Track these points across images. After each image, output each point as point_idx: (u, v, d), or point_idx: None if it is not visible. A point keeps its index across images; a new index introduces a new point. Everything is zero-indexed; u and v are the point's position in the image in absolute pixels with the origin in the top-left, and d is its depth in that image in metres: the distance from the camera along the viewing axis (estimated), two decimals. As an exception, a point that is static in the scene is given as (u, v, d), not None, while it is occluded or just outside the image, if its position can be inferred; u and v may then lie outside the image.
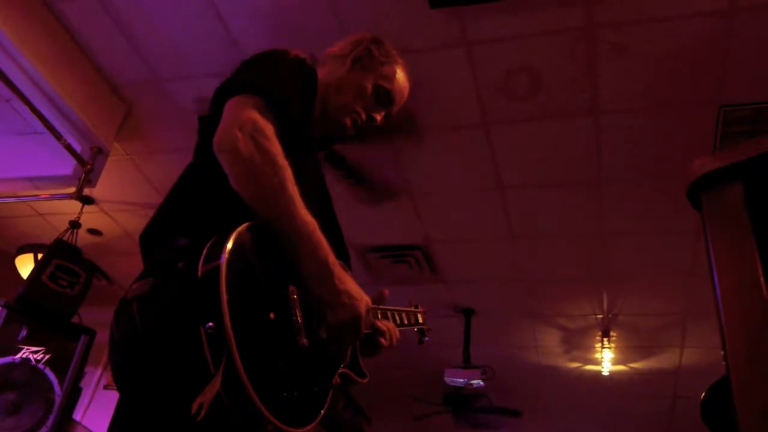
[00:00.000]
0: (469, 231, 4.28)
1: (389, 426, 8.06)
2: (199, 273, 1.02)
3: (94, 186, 3.66)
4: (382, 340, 1.45)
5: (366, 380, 1.36)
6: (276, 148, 1.18)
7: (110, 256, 5.05)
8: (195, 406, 0.94)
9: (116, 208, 4.52)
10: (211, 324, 0.97)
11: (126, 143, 3.85)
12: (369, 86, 1.58)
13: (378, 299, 1.50)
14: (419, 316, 1.64)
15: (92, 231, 4.76)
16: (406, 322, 1.64)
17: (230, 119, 1.21)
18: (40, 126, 3.43)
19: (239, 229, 1.07)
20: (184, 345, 1.01)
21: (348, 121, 1.57)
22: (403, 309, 1.55)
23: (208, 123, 1.34)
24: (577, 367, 5.95)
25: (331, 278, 1.17)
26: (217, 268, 1.00)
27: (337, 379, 1.27)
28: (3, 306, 3.24)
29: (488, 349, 5.61)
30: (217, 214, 1.18)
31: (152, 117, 3.66)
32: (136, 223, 4.66)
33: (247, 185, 1.16)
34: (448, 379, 5.19)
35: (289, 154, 1.20)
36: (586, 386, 6.28)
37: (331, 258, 1.19)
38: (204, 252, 1.04)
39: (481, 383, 5.09)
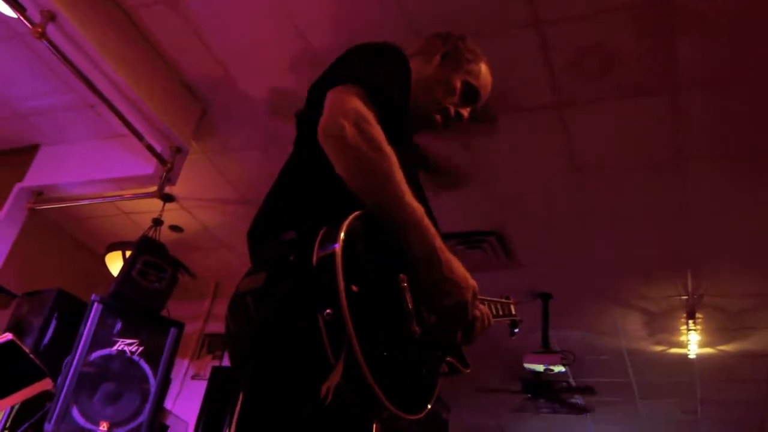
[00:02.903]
0: (545, 215, 4.20)
1: (468, 413, 8.05)
2: (314, 261, 1.04)
3: (174, 184, 3.79)
4: (478, 325, 1.45)
5: (468, 370, 1.36)
6: (381, 135, 1.18)
7: (191, 252, 5.23)
8: (324, 390, 0.96)
9: (195, 205, 4.67)
10: (329, 311, 0.98)
11: (202, 141, 3.96)
12: (457, 83, 1.59)
13: None
14: (511, 307, 1.62)
15: (174, 228, 4.93)
16: (499, 313, 1.63)
17: (334, 108, 1.21)
18: (122, 128, 3.58)
19: (350, 217, 1.08)
20: (302, 334, 1.03)
21: (438, 118, 1.57)
22: (496, 300, 1.54)
23: (306, 116, 1.35)
24: (662, 351, 5.76)
25: (440, 264, 1.17)
26: (333, 254, 1.01)
27: (444, 368, 1.27)
28: (99, 302, 3.40)
29: (567, 333, 5.50)
30: (323, 206, 1.20)
31: (226, 115, 3.76)
32: (215, 219, 4.80)
33: (354, 173, 1.17)
34: (526, 365, 5.12)
35: (390, 142, 1.20)
36: (672, 370, 6.07)
37: (439, 243, 1.19)
38: (317, 240, 1.05)
39: (563, 369, 5.00)
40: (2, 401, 2.88)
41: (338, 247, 1.02)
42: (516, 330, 1.63)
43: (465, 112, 1.62)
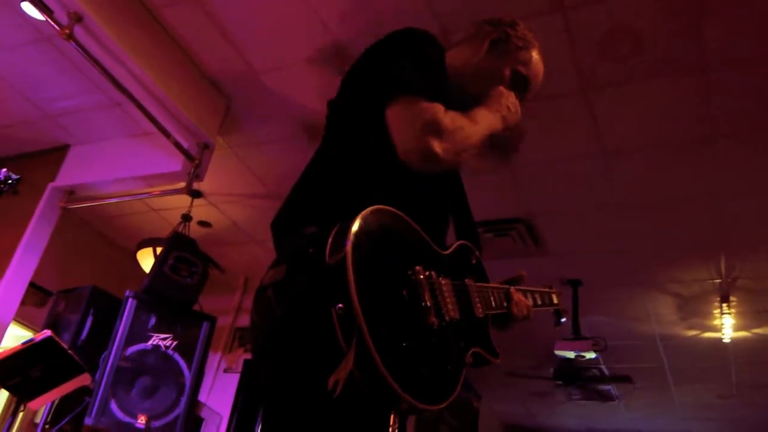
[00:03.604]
0: (573, 201, 4.16)
1: (499, 401, 8.04)
2: (328, 258, 1.05)
3: (202, 180, 3.83)
4: (515, 310, 1.45)
5: (498, 360, 1.35)
6: (457, 125, 1.25)
7: (220, 247, 5.28)
8: (331, 382, 0.97)
9: (223, 200, 4.72)
10: (341, 305, 0.99)
11: (228, 137, 3.99)
12: (507, 72, 1.54)
13: (515, 280, 1.49)
14: (554, 296, 1.60)
15: (202, 223, 4.98)
16: (540, 302, 1.62)
17: (411, 126, 1.22)
18: (150, 126, 3.62)
19: (363, 213, 1.09)
20: (317, 327, 1.04)
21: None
22: (538, 289, 1.53)
23: (339, 105, 1.35)
24: (696, 335, 5.68)
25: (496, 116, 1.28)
26: (344, 252, 1.02)
27: (470, 359, 1.27)
28: (133, 297, 3.46)
29: (598, 320, 5.46)
30: (344, 200, 1.20)
31: (252, 109, 3.78)
32: (243, 213, 4.84)
33: (464, 163, 1.28)
34: (558, 352, 5.09)
35: None
36: (706, 354, 5.99)
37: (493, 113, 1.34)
38: (330, 238, 1.07)
39: (594, 355, 4.96)
40: (43, 396, 2.97)
41: (349, 244, 1.03)
42: (562, 320, 1.62)
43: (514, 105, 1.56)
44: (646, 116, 3.39)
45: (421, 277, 1.14)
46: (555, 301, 1.61)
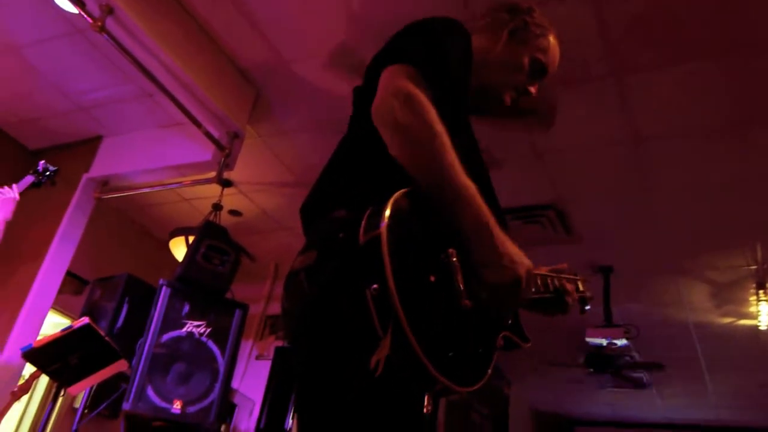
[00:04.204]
0: (604, 187, 4.11)
1: (529, 387, 8.02)
2: (361, 240, 1.05)
3: (232, 169, 3.87)
4: (568, 299, 1.46)
5: (529, 345, 1.35)
6: (432, 114, 1.18)
7: (250, 235, 5.33)
8: (373, 362, 0.98)
9: (253, 189, 4.76)
10: (375, 286, 1.00)
11: (258, 125, 4.02)
12: (526, 60, 1.55)
13: (556, 270, 1.50)
14: (579, 283, 1.59)
15: (233, 212, 5.04)
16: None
17: (386, 88, 1.22)
18: (180, 116, 3.66)
19: (396, 195, 1.09)
20: (351, 308, 1.05)
21: (508, 98, 1.55)
22: (564, 276, 1.52)
23: (363, 93, 1.36)
24: (731, 323, 5.58)
25: (492, 241, 1.16)
26: (378, 234, 1.03)
27: (500, 342, 1.27)
28: (167, 285, 3.51)
29: (630, 307, 5.40)
30: (373, 184, 1.21)
31: (280, 98, 3.79)
32: (273, 202, 4.88)
33: (406, 152, 1.17)
34: (589, 340, 5.05)
35: (444, 121, 1.19)
36: (741, 342, 5.88)
37: (492, 221, 1.18)
38: (364, 220, 1.07)
39: (626, 342, 4.91)
40: (82, 382, 3.04)
41: (384, 225, 1.03)
42: (587, 307, 1.61)
43: (533, 89, 1.58)
44: (680, 100, 3.32)
45: (454, 259, 1.14)
46: (581, 288, 1.60)
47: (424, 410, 1.13)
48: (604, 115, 3.49)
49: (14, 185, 3.04)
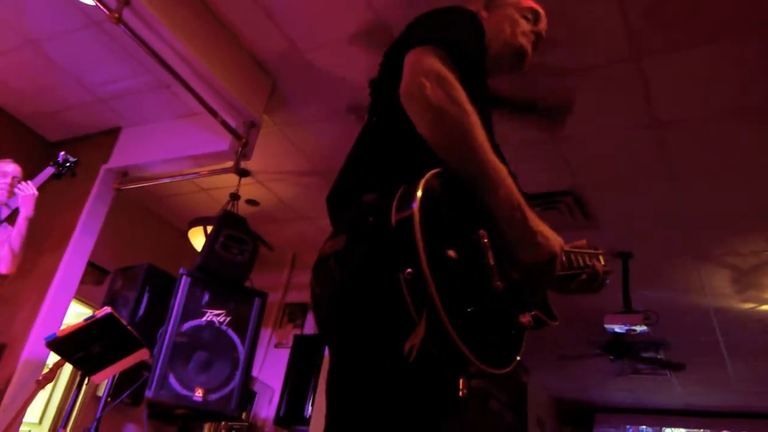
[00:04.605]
0: (623, 172, 4.07)
1: (547, 374, 8.01)
2: (393, 222, 1.05)
3: (249, 159, 3.87)
4: (595, 274, 1.46)
5: (556, 322, 1.35)
6: (462, 93, 1.17)
7: (267, 224, 5.36)
8: (407, 347, 0.98)
9: (270, 178, 4.77)
10: (409, 270, 1.00)
11: (274, 114, 4.02)
12: (516, 15, 1.59)
13: (576, 246, 1.49)
14: (600, 258, 1.58)
15: (250, 201, 5.06)
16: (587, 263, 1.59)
17: (414, 69, 1.21)
18: (197, 107, 3.68)
19: (427, 176, 1.09)
20: (384, 293, 1.05)
21: (528, 46, 1.57)
22: (586, 251, 1.51)
23: (383, 82, 1.36)
24: (752, 308, 5.52)
25: (525, 220, 1.17)
26: (411, 215, 1.02)
27: (530, 321, 1.27)
28: (187, 275, 3.54)
29: (649, 293, 5.36)
30: (401, 167, 1.20)
31: (296, 87, 3.79)
32: (289, 191, 4.89)
33: (437, 131, 1.16)
34: (607, 326, 5.02)
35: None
36: (763, 327, 5.82)
37: (523, 200, 1.18)
38: (395, 202, 1.07)
39: (645, 329, 4.87)
40: (105, 371, 3.08)
41: (416, 206, 1.03)
42: (607, 281, 1.59)
43: (539, 30, 1.62)
44: (701, 82, 3.27)
45: (485, 240, 1.13)
46: (602, 261, 1.59)
47: (459, 393, 1.13)
48: (623, 98, 3.45)
49: (30, 181, 3.07)
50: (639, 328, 4.90)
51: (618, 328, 5.06)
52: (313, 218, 5.19)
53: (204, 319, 3.50)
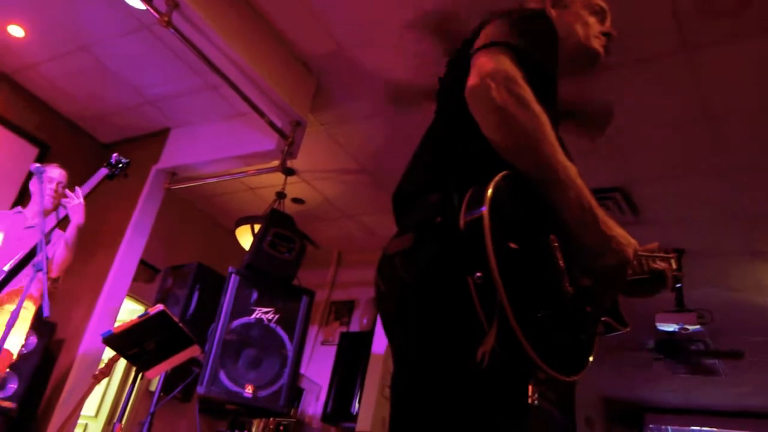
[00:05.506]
0: (674, 167, 3.96)
1: (598, 374, 7.86)
2: (462, 224, 1.03)
3: (295, 157, 3.91)
4: (665, 279, 1.41)
5: (627, 329, 1.31)
6: (530, 94, 1.14)
7: (313, 223, 5.40)
8: (479, 355, 0.97)
9: (315, 177, 4.81)
10: (479, 274, 0.98)
11: (319, 114, 4.05)
12: (586, 16, 1.55)
13: (648, 250, 1.46)
14: (672, 261, 1.54)
15: (296, 200, 5.11)
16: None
17: (480, 70, 1.19)
18: (244, 107, 3.73)
19: (496, 178, 1.06)
20: (453, 296, 1.03)
21: (599, 47, 1.55)
22: (658, 255, 1.47)
23: (448, 81, 1.35)
24: (811, 307, 5.32)
25: (598, 224, 1.12)
26: (480, 217, 1.00)
27: (600, 327, 1.23)
28: (236, 273, 3.60)
29: (703, 291, 5.20)
30: (468, 168, 1.18)
31: (341, 86, 3.81)
32: (335, 189, 4.92)
33: (504, 133, 1.14)
34: (659, 325, 4.90)
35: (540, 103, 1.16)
36: (824, 327, 5.61)
37: (595, 202, 1.14)
38: (464, 203, 1.05)
39: (699, 328, 4.74)
40: (158, 366, 3.15)
41: (486, 209, 1.00)
42: (678, 285, 1.55)
43: (607, 29, 1.60)
44: (753, 76, 3.16)
45: (556, 244, 1.11)
46: (674, 265, 1.54)
47: (529, 401, 1.11)
48: (673, 92, 3.36)
49: (77, 188, 3.15)
50: (692, 327, 4.77)
51: (670, 327, 4.93)
52: (358, 217, 5.21)
53: (253, 316, 3.55)
